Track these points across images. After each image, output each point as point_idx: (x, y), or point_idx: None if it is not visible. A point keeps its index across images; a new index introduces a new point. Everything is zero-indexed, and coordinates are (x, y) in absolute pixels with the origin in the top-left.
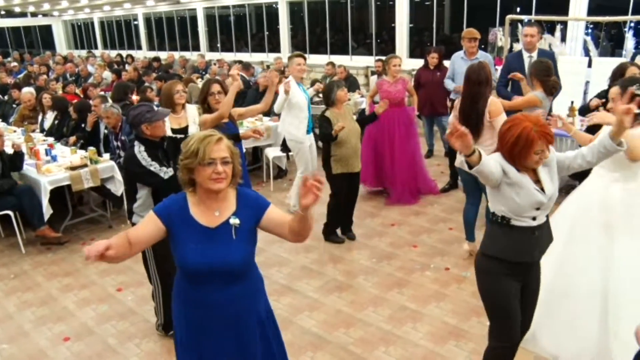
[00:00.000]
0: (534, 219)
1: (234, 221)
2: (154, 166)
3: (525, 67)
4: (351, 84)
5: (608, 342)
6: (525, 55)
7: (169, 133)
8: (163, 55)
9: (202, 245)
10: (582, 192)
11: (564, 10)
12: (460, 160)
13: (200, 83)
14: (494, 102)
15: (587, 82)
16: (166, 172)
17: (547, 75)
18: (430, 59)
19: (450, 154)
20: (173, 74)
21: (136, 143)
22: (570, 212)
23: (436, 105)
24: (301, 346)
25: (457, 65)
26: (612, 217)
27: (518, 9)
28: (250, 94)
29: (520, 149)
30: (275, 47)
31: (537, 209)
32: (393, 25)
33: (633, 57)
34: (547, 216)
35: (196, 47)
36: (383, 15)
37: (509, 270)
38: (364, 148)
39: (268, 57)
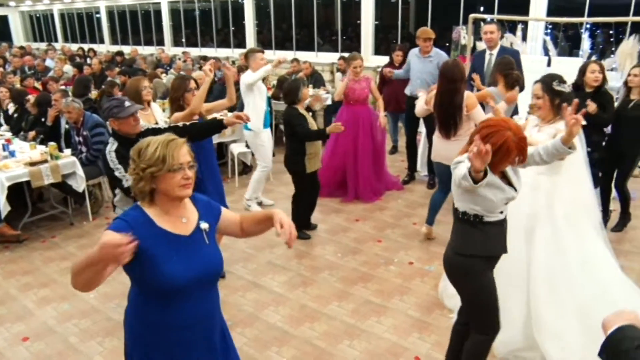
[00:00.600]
0: (501, 212)
1: (204, 225)
2: (119, 170)
3: (485, 65)
4: (316, 80)
5: (533, 331)
6: (487, 53)
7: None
8: (126, 49)
9: (184, 256)
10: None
11: (525, 11)
12: (463, 173)
13: (165, 78)
14: (470, 96)
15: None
16: (128, 180)
17: (509, 69)
18: (395, 56)
19: (410, 147)
20: (136, 68)
21: (110, 140)
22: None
23: (401, 102)
24: (266, 341)
25: (413, 62)
26: (538, 206)
27: (481, 8)
28: (216, 89)
29: (499, 158)
30: (240, 43)
31: (506, 203)
32: (359, 22)
33: (589, 58)
34: None
35: (160, 42)
36: (349, 12)
37: (487, 265)
38: (328, 152)
39: (233, 53)
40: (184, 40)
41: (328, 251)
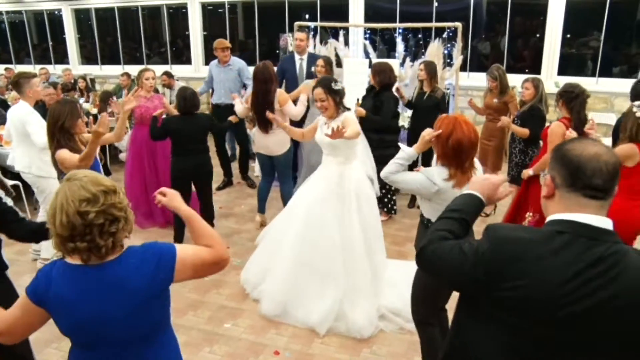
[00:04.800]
0: None
1: None
2: None
3: (296, 68)
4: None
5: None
6: (297, 57)
7: None
8: None
9: None
10: (319, 176)
11: (345, 18)
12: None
13: None
14: (281, 93)
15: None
16: None
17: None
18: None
19: (220, 152)
20: None
21: None
22: (313, 192)
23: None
24: None
25: (214, 72)
26: (345, 190)
27: (307, 16)
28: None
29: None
30: (63, 58)
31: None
32: (187, 33)
33: (404, 59)
34: None
35: None
36: (176, 23)
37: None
38: (127, 179)
39: (55, 69)
40: None
41: None
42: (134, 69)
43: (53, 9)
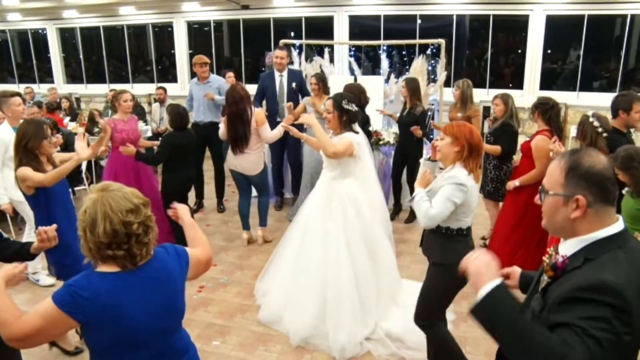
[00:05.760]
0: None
1: None
2: None
3: (276, 85)
4: (138, 113)
5: (327, 320)
6: (277, 74)
7: None
8: None
9: None
10: (315, 189)
11: (330, 35)
12: None
13: None
14: (259, 113)
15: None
16: None
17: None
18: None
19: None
20: None
21: None
22: (308, 205)
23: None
24: None
25: (194, 90)
26: (332, 206)
27: (292, 34)
28: None
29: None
30: (46, 77)
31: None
32: (173, 51)
33: (388, 75)
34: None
35: None
36: (162, 41)
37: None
38: None
39: (40, 88)
40: None
41: None
42: (119, 88)
43: (37, 28)
